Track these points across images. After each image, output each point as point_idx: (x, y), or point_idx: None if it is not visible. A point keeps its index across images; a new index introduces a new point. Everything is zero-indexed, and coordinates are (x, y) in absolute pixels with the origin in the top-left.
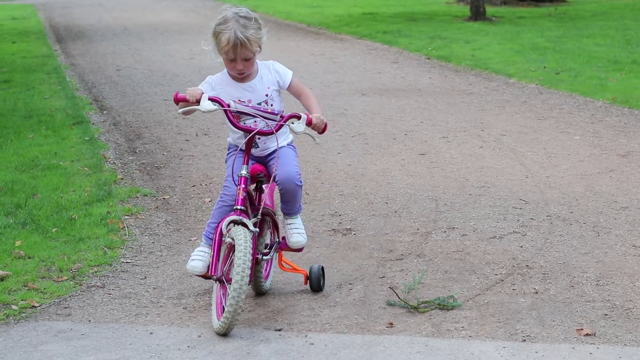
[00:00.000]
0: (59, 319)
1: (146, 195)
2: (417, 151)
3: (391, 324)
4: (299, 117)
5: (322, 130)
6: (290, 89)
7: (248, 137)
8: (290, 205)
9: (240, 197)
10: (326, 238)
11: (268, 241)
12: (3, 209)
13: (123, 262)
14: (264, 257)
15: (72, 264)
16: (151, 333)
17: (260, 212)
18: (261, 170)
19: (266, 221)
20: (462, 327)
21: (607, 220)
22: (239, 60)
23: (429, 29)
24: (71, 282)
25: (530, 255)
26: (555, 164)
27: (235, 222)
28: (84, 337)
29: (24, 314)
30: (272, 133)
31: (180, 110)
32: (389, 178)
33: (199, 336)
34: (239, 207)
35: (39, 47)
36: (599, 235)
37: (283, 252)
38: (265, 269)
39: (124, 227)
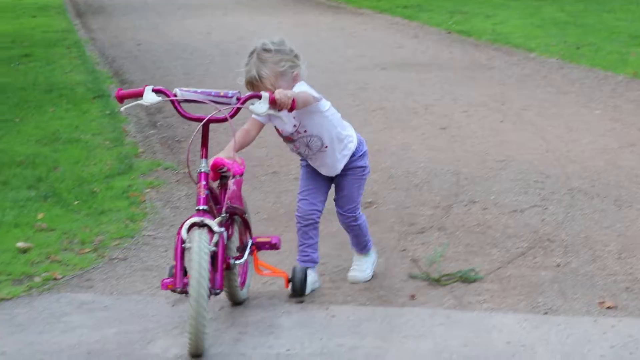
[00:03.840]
0: (81, 291)
1: (167, 169)
2: (438, 125)
3: (413, 296)
4: (259, 97)
5: (290, 107)
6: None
7: (200, 125)
8: (355, 240)
9: (202, 195)
10: None
11: (239, 243)
12: (25, 182)
13: (145, 234)
14: (237, 262)
15: (94, 237)
16: (173, 305)
17: (226, 210)
18: (223, 164)
19: (235, 221)
20: (484, 299)
21: (629, 194)
22: None
23: (450, 3)
24: (93, 255)
25: (552, 228)
26: (576, 138)
27: (197, 225)
28: (107, 309)
29: (47, 286)
30: (226, 119)
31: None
32: (410, 152)
33: (221, 309)
34: (200, 208)
35: (59, 22)
36: (620, 209)
37: (258, 255)
38: (240, 275)
39: (146, 200)
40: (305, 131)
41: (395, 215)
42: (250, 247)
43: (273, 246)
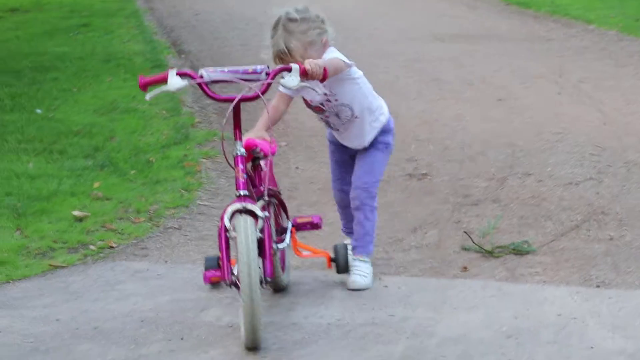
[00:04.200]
0: (136, 260)
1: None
2: (495, 97)
3: (465, 268)
4: (289, 70)
5: (322, 77)
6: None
7: (232, 105)
8: (355, 230)
9: (241, 179)
10: (401, 183)
11: (276, 226)
12: (82, 151)
13: (199, 204)
14: (279, 246)
15: (150, 206)
16: None
17: (266, 193)
18: (255, 145)
19: (271, 203)
20: (537, 272)
21: None
22: None
23: None
24: (148, 224)
25: (607, 201)
26: (633, 111)
27: (239, 211)
28: (161, 277)
29: (102, 254)
30: (258, 97)
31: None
32: (465, 123)
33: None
34: (241, 193)
35: None
36: None
37: (296, 236)
38: (280, 260)
39: (201, 170)
40: (337, 100)
41: (449, 186)
42: (289, 230)
43: (315, 226)
